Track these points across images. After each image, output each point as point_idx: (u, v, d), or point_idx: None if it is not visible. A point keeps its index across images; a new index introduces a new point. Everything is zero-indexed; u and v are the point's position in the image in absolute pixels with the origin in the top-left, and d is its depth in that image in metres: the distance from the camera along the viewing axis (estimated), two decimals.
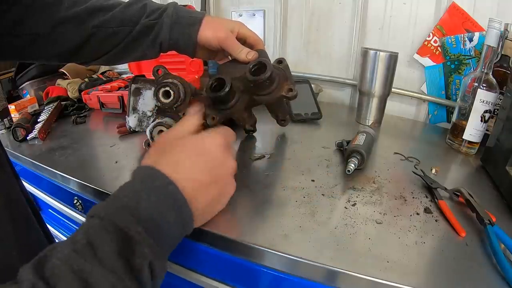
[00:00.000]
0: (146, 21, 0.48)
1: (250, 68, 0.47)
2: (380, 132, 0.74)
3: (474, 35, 0.73)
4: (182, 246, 0.41)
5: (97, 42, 0.47)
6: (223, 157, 0.36)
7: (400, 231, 0.39)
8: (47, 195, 0.63)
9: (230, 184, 0.39)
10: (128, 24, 0.47)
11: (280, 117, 0.64)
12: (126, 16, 0.47)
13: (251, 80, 0.46)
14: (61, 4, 0.45)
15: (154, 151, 0.35)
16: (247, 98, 0.50)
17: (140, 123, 0.66)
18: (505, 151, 0.51)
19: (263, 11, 0.98)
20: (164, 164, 0.31)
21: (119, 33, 0.47)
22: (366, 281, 0.32)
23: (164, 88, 0.56)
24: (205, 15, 0.50)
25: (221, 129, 0.41)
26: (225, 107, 0.48)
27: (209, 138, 0.37)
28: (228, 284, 0.41)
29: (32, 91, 0.96)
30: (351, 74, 0.92)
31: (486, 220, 0.39)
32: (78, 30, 0.46)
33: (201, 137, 0.37)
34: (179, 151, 0.34)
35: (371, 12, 0.84)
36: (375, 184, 0.50)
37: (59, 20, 0.44)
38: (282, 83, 0.50)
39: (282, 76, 0.50)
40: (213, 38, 0.49)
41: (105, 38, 0.47)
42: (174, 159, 0.33)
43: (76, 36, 0.46)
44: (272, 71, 0.46)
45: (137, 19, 0.48)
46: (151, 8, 0.48)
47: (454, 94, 0.79)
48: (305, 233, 0.38)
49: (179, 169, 0.32)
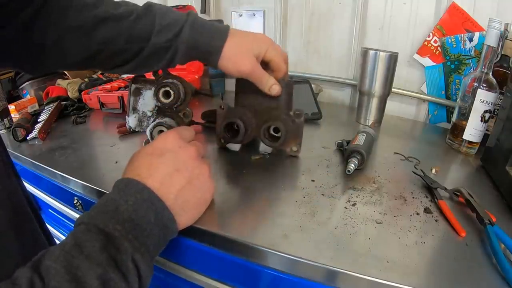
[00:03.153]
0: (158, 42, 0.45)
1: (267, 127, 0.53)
2: (380, 132, 0.74)
3: (474, 35, 0.73)
4: (182, 246, 0.41)
5: (105, 58, 0.46)
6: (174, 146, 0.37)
7: (400, 231, 0.39)
8: (47, 195, 0.63)
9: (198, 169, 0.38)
10: (136, 40, 0.45)
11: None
12: (135, 31, 0.44)
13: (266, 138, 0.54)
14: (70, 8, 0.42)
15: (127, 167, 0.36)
16: (258, 132, 0.55)
17: (140, 123, 0.66)
18: (505, 151, 0.51)
19: (263, 11, 0.98)
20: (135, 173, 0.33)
21: (128, 50, 0.45)
22: (366, 281, 0.32)
23: (164, 88, 0.56)
24: (227, 38, 0.46)
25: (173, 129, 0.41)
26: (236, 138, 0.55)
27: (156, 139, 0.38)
28: (228, 284, 0.41)
29: (32, 91, 0.96)
30: (351, 74, 0.92)
31: (486, 220, 0.39)
32: (83, 43, 0.44)
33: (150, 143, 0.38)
34: (135, 159, 0.36)
35: (371, 12, 0.84)
36: (375, 184, 0.50)
37: (65, 29, 0.42)
38: (289, 141, 0.56)
39: (293, 133, 0.55)
40: (234, 71, 0.47)
41: (113, 54, 0.46)
42: (134, 166, 0.35)
43: (82, 49, 0.44)
44: (286, 133, 0.53)
45: (147, 36, 0.45)
46: (163, 22, 0.45)
47: (454, 94, 0.79)
48: (305, 233, 0.38)
49: (141, 171, 0.34)
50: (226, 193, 0.46)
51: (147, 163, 0.35)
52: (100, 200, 0.32)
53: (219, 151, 0.60)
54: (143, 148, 0.37)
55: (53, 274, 0.24)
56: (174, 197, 0.34)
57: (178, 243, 0.41)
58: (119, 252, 0.27)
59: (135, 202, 0.31)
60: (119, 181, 0.33)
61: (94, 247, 0.27)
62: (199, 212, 0.38)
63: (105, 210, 0.30)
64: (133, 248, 0.28)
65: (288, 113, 0.55)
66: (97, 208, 0.30)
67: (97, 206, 0.31)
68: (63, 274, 0.24)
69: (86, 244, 0.27)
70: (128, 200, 0.30)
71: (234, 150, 0.60)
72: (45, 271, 0.25)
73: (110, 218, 0.29)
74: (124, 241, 0.28)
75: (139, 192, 0.31)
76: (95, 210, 0.30)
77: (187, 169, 0.36)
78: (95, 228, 0.28)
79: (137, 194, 0.31)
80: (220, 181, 0.50)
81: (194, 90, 0.56)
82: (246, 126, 0.54)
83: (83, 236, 0.27)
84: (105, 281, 0.25)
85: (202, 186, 0.38)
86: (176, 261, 0.43)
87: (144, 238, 0.30)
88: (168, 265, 0.43)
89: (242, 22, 1.02)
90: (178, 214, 0.34)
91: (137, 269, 0.28)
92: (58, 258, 0.25)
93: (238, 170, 0.53)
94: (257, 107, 0.56)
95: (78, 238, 0.27)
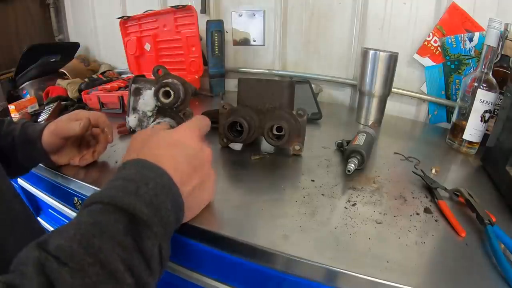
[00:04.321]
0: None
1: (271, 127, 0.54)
2: (380, 132, 0.74)
3: (474, 35, 0.73)
4: (182, 246, 0.41)
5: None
6: (198, 146, 0.37)
7: (400, 231, 0.39)
8: (47, 195, 0.63)
9: (209, 172, 0.39)
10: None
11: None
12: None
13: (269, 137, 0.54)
14: None
15: (132, 149, 0.35)
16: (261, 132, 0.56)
17: (140, 123, 0.66)
18: (505, 151, 0.51)
19: (263, 11, 0.98)
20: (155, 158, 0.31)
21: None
22: (366, 281, 0.32)
23: (164, 88, 0.56)
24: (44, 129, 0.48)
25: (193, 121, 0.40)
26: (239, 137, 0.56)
27: (179, 131, 0.37)
28: (228, 284, 0.41)
29: (32, 91, 0.96)
30: (351, 74, 0.92)
31: (486, 220, 0.39)
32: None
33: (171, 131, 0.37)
34: (155, 146, 0.34)
35: (371, 12, 0.84)
36: (375, 184, 0.50)
37: None
38: (292, 140, 0.56)
39: (296, 132, 0.56)
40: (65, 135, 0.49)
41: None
42: (154, 153, 0.33)
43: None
44: (289, 132, 0.53)
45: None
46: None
47: (454, 94, 0.79)
48: (305, 233, 0.38)
49: (163, 161, 0.32)
50: (227, 192, 0.46)
51: (169, 154, 0.33)
52: (113, 180, 0.29)
53: (221, 151, 0.60)
54: (162, 134, 0.36)
55: (70, 255, 0.21)
56: (187, 194, 0.33)
57: (178, 243, 0.41)
58: (144, 238, 0.25)
59: (155, 187, 0.28)
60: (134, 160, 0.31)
61: (117, 228, 0.24)
62: (197, 212, 0.39)
63: (125, 189, 0.27)
64: (159, 235, 0.26)
65: (290, 112, 0.55)
66: (115, 188, 0.27)
67: (114, 186, 0.27)
68: (83, 256, 0.21)
69: (107, 225, 0.24)
70: (149, 182, 0.28)
71: (236, 150, 0.60)
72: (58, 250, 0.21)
73: (135, 199, 0.26)
74: (152, 226, 0.26)
75: (159, 177, 0.30)
76: (112, 187, 0.27)
77: (202, 170, 0.36)
78: (116, 209, 0.25)
79: (157, 178, 0.29)
80: (221, 181, 0.50)
81: (194, 90, 0.56)
82: (250, 125, 0.54)
83: (102, 216, 0.25)
84: (130, 267, 0.23)
85: (209, 189, 0.39)
86: (176, 261, 0.43)
87: (165, 225, 0.28)
88: (167, 264, 0.43)
89: (242, 22, 1.02)
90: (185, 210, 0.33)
91: (160, 258, 0.26)
92: (74, 237, 0.22)
93: (238, 170, 0.53)
94: (260, 107, 0.57)
95: (96, 217, 0.24)
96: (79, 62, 1.16)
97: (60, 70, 1.05)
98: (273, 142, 0.54)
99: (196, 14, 0.92)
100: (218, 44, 0.98)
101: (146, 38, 1.05)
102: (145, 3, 1.09)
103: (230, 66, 1.07)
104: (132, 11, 1.11)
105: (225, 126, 0.56)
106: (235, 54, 1.07)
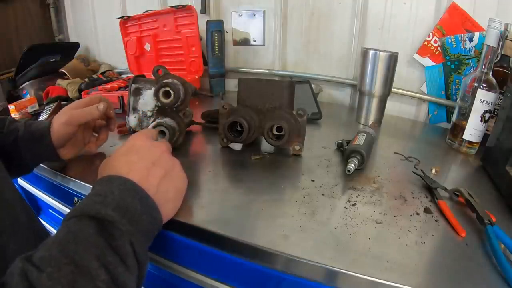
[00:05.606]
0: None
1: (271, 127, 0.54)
2: (380, 132, 0.74)
3: (474, 35, 0.73)
4: (182, 246, 0.41)
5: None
6: (148, 143, 0.40)
7: (400, 231, 0.39)
8: (47, 195, 0.63)
9: (171, 161, 0.40)
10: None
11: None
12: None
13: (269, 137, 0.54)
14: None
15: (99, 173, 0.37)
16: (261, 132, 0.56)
17: (140, 123, 0.66)
18: (505, 151, 0.51)
19: (263, 11, 0.98)
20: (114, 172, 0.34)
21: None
22: (366, 281, 0.32)
23: (164, 88, 0.56)
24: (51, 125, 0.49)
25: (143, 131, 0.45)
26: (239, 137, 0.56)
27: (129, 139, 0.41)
28: (228, 284, 0.41)
29: (32, 91, 0.96)
30: (351, 74, 0.92)
31: (486, 220, 0.39)
32: None
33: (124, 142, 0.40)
34: (113, 159, 0.37)
35: (371, 12, 0.84)
36: (375, 184, 0.50)
37: None
38: (292, 140, 0.56)
39: (296, 132, 0.56)
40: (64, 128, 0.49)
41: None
42: (113, 165, 0.36)
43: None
44: (289, 132, 0.53)
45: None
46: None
47: (454, 94, 0.79)
48: (305, 233, 0.38)
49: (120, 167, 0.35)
50: (227, 192, 0.46)
51: (124, 161, 0.36)
52: (85, 197, 0.32)
53: (221, 151, 0.60)
54: (116, 150, 0.39)
55: (48, 261, 0.24)
56: (155, 188, 0.35)
57: (178, 243, 0.41)
58: (115, 237, 0.28)
59: (121, 192, 0.31)
60: (99, 179, 0.34)
61: (88, 232, 0.27)
62: (179, 203, 0.40)
63: (93, 201, 0.30)
64: (128, 232, 0.29)
65: (290, 112, 0.55)
66: (84, 202, 0.31)
67: (84, 201, 0.31)
68: (59, 259, 0.24)
69: (80, 231, 0.27)
70: (114, 191, 0.31)
71: (236, 150, 0.60)
72: (39, 261, 0.24)
73: (101, 206, 0.29)
74: (119, 225, 0.28)
75: (122, 184, 0.32)
76: (83, 203, 0.30)
77: (162, 162, 0.38)
78: (86, 218, 0.28)
79: (120, 186, 0.32)
80: (221, 181, 0.50)
81: (194, 90, 0.56)
82: (250, 125, 0.54)
83: (76, 226, 0.28)
84: (105, 264, 0.25)
85: (178, 177, 0.40)
86: (175, 260, 0.43)
87: (135, 224, 0.30)
88: (167, 265, 0.43)
89: (242, 22, 1.02)
90: (161, 205, 0.35)
91: (134, 253, 0.28)
92: (52, 246, 0.25)
93: (238, 170, 0.53)
94: (260, 107, 0.57)
95: (70, 228, 0.27)
96: (79, 62, 1.16)
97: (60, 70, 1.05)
98: (273, 142, 0.54)
99: (196, 14, 0.92)
100: (218, 44, 0.98)
101: (146, 38, 1.05)
102: (145, 3, 1.09)
103: (230, 66, 1.07)
104: (132, 11, 1.11)
105: (225, 126, 0.56)
106: (235, 54, 1.07)
